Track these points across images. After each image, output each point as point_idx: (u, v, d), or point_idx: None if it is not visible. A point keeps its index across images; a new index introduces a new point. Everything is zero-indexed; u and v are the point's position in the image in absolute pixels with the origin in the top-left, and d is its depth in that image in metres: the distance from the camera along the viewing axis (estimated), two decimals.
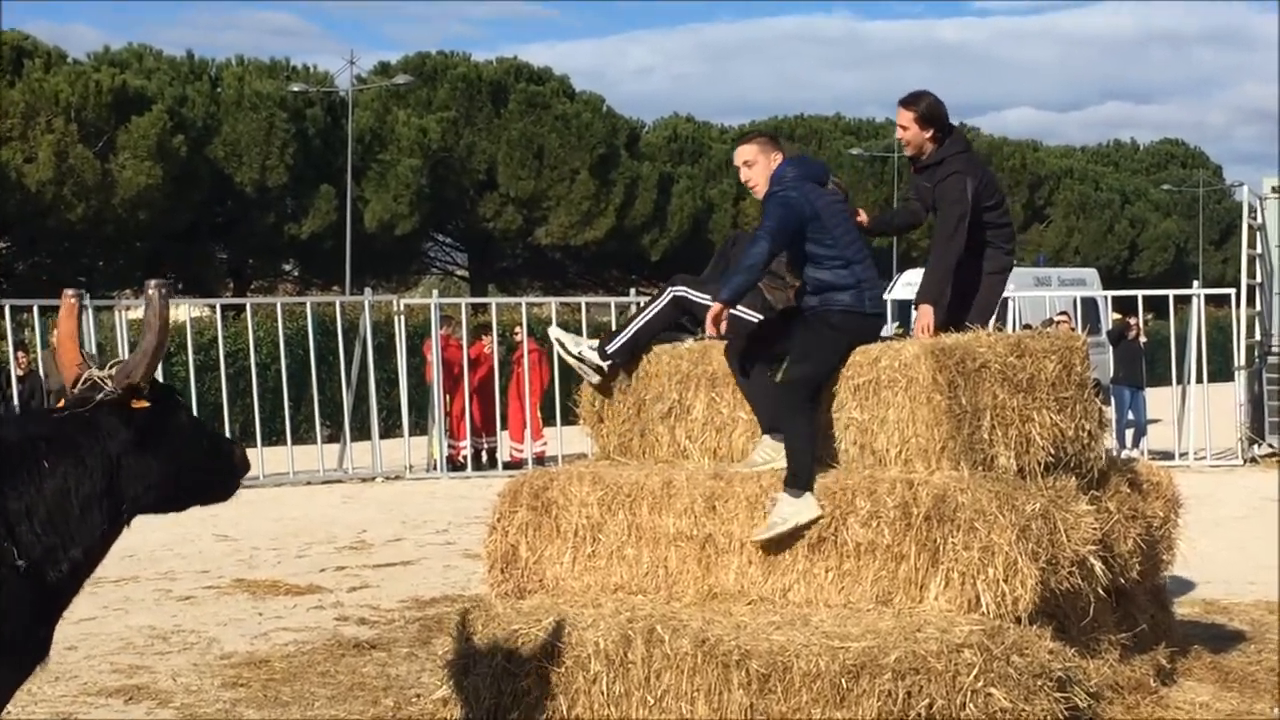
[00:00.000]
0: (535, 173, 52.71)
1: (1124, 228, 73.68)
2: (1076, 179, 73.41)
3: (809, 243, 8.10)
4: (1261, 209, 25.66)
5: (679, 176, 56.64)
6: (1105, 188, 75.34)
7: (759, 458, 8.19)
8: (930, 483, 7.80)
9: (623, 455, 8.74)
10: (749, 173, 8.37)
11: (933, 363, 8.05)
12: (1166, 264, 74.35)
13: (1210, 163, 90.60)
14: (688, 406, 8.55)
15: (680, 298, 8.68)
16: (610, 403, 8.74)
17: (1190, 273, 65.02)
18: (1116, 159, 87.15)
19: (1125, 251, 73.49)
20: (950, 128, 9.10)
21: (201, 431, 5.83)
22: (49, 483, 5.31)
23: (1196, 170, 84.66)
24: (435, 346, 23.38)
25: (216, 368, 22.78)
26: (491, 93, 53.39)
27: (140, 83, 44.52)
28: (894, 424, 8.14)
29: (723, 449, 8.52)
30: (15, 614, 5.24)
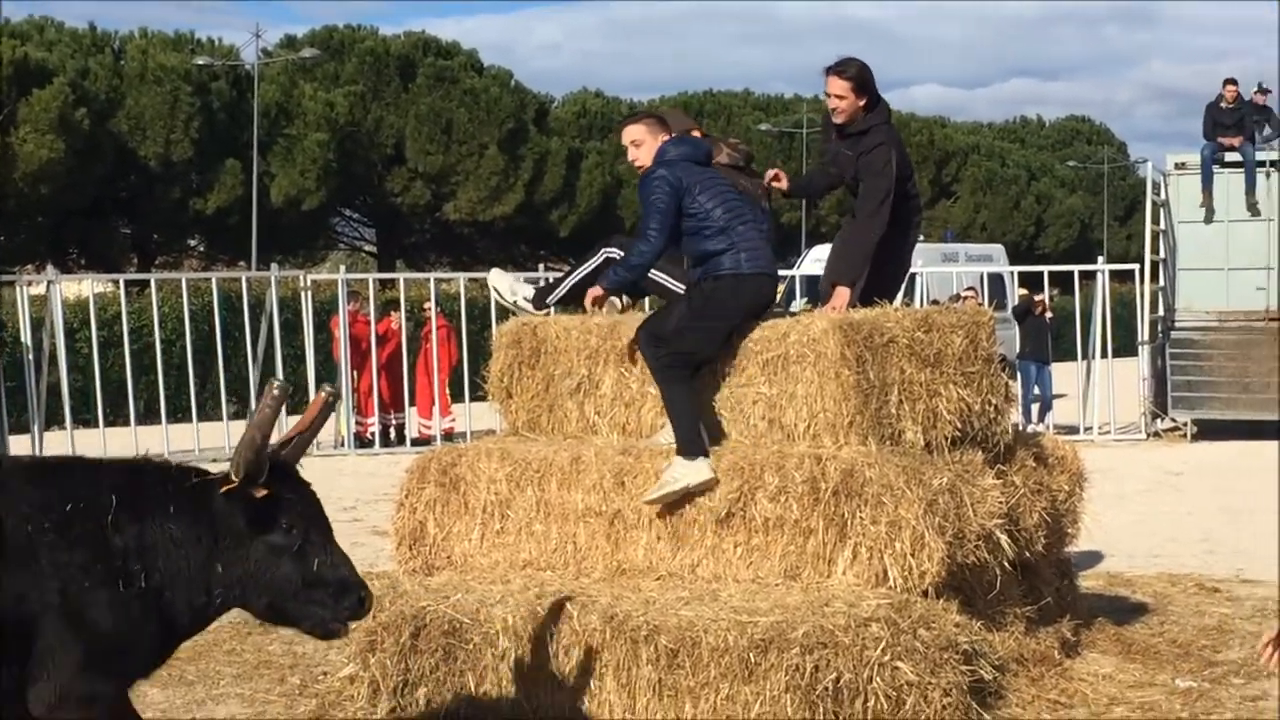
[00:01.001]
0: (443, 147, 52.47)
1: (1030, 204, 74.19)
2: (983, 155, 73.84)
3: (685, 218, 8.13)
4: (1165, 186, 25.94)
5: (588, 152, 56.54)
6: (1011, 164, 75.83)
7: (667, 436, 8.19)
8: (838, 458, 7.82)
9: (531, 431, 8.72)
10: (636, 152, 8.39)
11: (841, 338, 8.07)
12: (1072, 240, 74.90)
13: (1115, 139, 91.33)
14: (597, 382, 8.54)
15: (613, 258, 8.67)
16: (519, 378, 8.72)
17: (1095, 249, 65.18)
18: (1023, 136, 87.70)
19: (1031, 228, 73.99)
20: (878, 96, 9.12)
21: (315, 551, 5.61)
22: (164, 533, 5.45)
23: (1101, 147, 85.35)
24: (343, 323, 23.24)
25: (120, 344, 22.54)
26: (399, 67, 53.08)
27: (41, 55, 43.93)
28: (802, 399, 8.16)
29: (632, 425, 8.52)
30: (141, 637, 5.41)
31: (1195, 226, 25.66)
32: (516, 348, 8.69)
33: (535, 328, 8.67)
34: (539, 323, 8.70)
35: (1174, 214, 25.83)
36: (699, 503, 7.90)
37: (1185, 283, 25.74)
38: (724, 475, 7.89)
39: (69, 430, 21.05)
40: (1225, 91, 25.90)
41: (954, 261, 31.33)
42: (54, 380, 21.87)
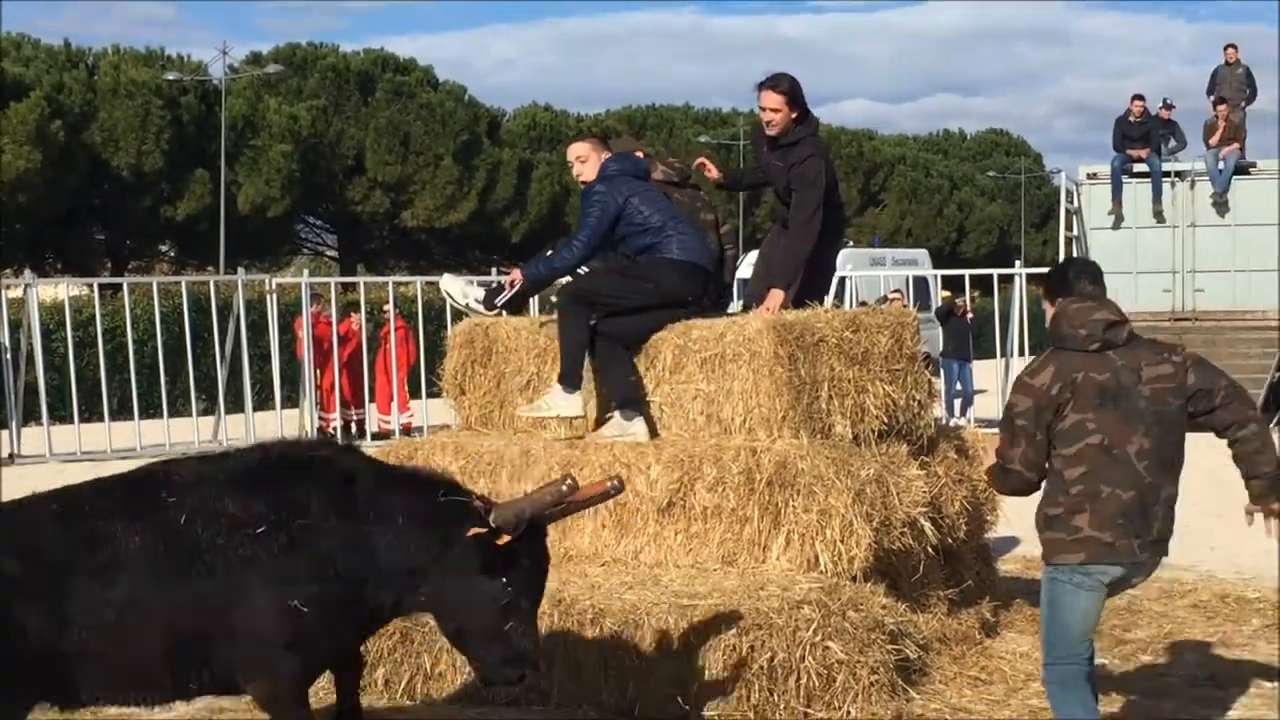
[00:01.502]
0: (401, 158, 52.29)
1: (952, 211, 74.50)
2: (909, 166, 74.09)
3: (625, 224, 8.28)
4: (1078, 194, 26.11)
5: (538, 163, 56.43)
6: (935, 174, 76.11)
7: (609, 431, 8.19)
8: (772, 450, 7.84)
9: (484, 426, 8.70)
10: (581, 168, 8.52)
11: (774, 337, 8.10)
12: (991, 245, 75.22)
13: (1032, 151, 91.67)
14: (545, 379, 8.53)
15: None
16: (471, 376, 8.69)
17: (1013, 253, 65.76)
18: (945, 147, 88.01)
19: (954, 233, 74.30)
20: (808, 110, 9.13)
21: (515, 615, 5.67)
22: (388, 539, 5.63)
23: (1019, 158, 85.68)
24: (306, 324, 23.10)
25: (95, 344, 22.38)
26: (359, 82, 52.86)
27: (19, 70, 43.55)
28: (739, 395, 8.18)
29: (578, 420, 8.49)
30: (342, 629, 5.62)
31: (1105, 233, 25.81)
32: (469, 347, 8.67)
33: (487, 328, 8.65)
34: (490, 323, 8.68)
35: (1086, 221, 25.97)
36: (641, 493, 7.91)
37: None
38: (665, 467, 7.90)
39: (45, 426, 20.86)
40: (1133, 106, 26.08)
41: (881, 265, 31.40)
42: (31, 379, 21.69)
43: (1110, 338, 6.09)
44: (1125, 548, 5.93)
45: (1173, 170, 25.69)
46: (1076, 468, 5.93)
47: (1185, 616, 9.86)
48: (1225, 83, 26.59)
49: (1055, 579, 6.01)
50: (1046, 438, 5.97)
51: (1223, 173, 25.18)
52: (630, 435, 8.13)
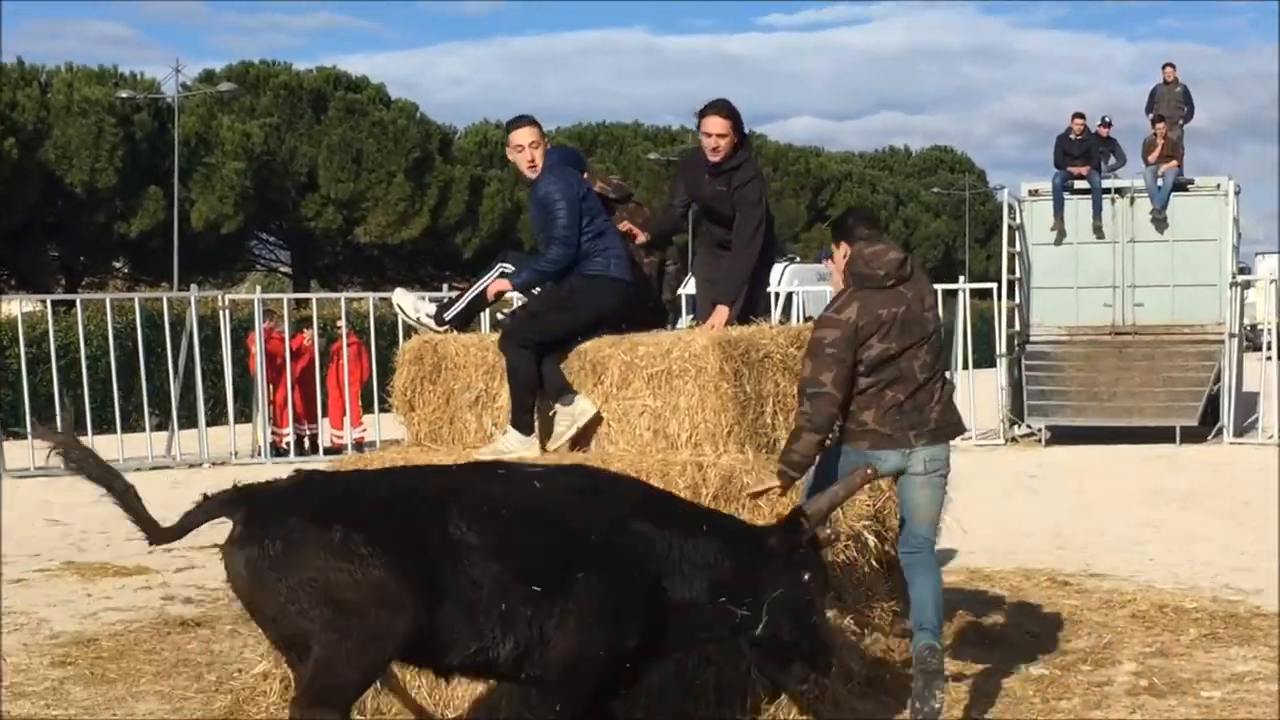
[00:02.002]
0: (354, 175, 52.18)
1: (898, 227, 74.83)
2: (855, 182, 74.40)
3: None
4: (1020, 210, 26.23)
5: (489, 179, 56.41)
6: (881, 190, 76.48)
7: (561, 426, 8.21)
8: (718, 465, 7.84)
9: (433, 442, 8.66)
10: (533, 153, 8.34)
11: (720, 353, 8.10)
12: (937, 261, 75.54)
13: (975, 168, 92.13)
14: (494, 395, 8.49)
15: (507, 273, 8.73)
16: (421, 392, 8.67)
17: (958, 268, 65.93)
18: (891, 164, 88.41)
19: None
20: (745, 133, 9.16)
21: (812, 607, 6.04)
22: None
23: (963, 175, 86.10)
24: (259, 339, 23.04)
25: (48, 360, 22.24)
26: (312, 100, 52.73)
27: None
28: (685, 410, 8.17)
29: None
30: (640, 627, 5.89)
31: (1048, 248, 25.96)
32: (419, 364, 8.63)
33: (436, 345, 8.62)
34: (439, 340, 8.66)
35: (1029, 237, 26.12)
36: None
37: (1039, 300, 26.03)
38: None
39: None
40: (1073, 124, 26.26)
41: (827, 281, 31.39)
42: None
43: (901, 274, 7.21)
44: (901, 438, 7.12)
45: (1113, 187, 25.86)
46: (871, 379, 7.09)
47: (1125, 626, 9.93)
48: (1163, 101, 26.82)
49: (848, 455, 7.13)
50: (853, 364, 7.05)
51: (1161, 189, 25.37)
52: (582, 415, 8.13)
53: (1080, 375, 25.17)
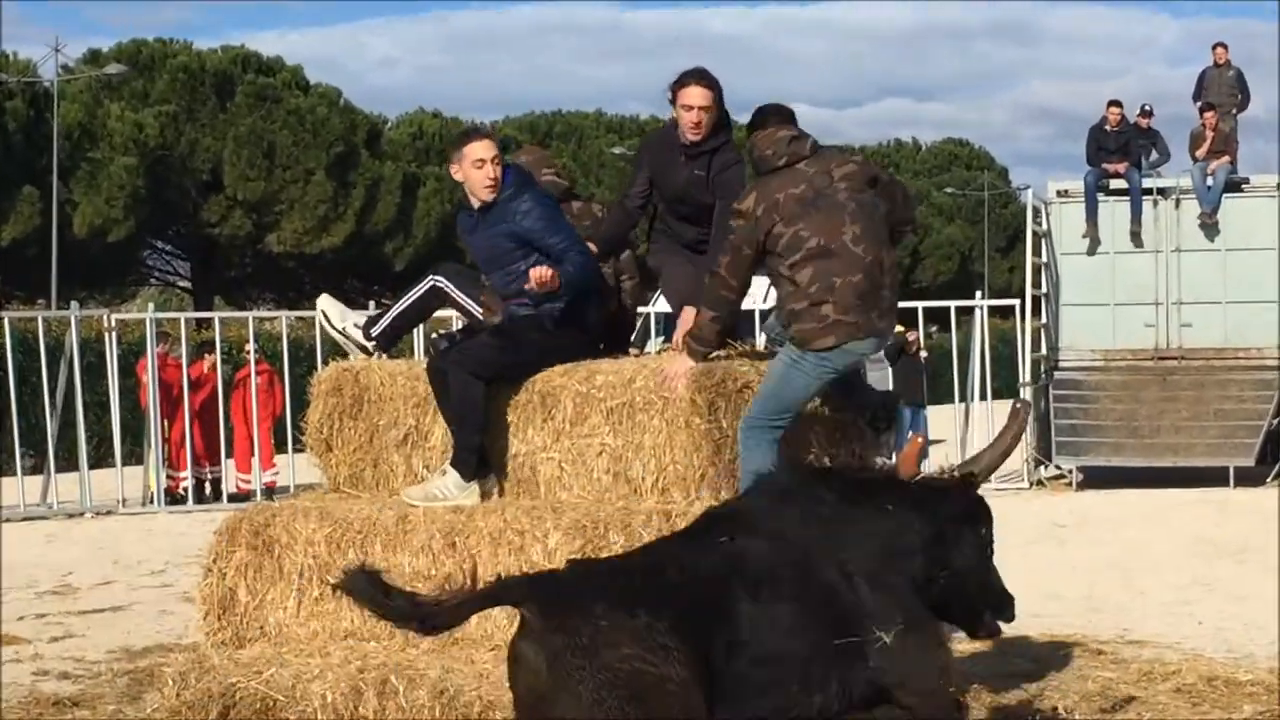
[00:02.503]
0: (265, 173, 52.15)
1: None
2: None
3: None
4: (1046, 214, 26.29)
5: (425, 178, 56.44)
6: None
7: (440, 489, 8.24)
8: (689, 514, 7.81)
9: (354, 487, 8.67)
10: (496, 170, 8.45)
11: (691, 383, 8.10)
12: (951, 273, 75.89)
13: (996, 164, 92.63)
14: (425, 432, 8.52)
15: (439, 289, 8.74)
16: (339, 429, 8.66)
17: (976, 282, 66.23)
18: (897, 160, 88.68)
19: (906, 259, 74.74)
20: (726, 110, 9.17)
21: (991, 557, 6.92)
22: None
23: (981, 172, 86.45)
24: (151, 366, 22.95)
25: None
26: (216, 85, 52.72)
27: None
28: (650, 450, 8.20)
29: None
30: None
31: (1079, 259, 26.06)
32: (337, 395, 8.63)
33: (357, 373, 8.62)
34: (361, 368, 8.66)
35: (1056, 245, 26.21)
36: (536, 565, 7.84)
37: (1069, 319, 26.13)
38: (565, 534, 7.88)
39: None
40: (1109, 114, 26.36)
41: None
42: None
43: (795, 150, 7.85)
44: (866, 323, 7.70)
45: (1155, 187, 25.97)
46: (805, 270, 7.68)
47: (1167, 703, 9.92)
48: (1214, 86, 26.96)
49: (799, 362, 7.77)
50: (755, 254, 7.81)
51: (1211, 189, 25.49)
52: (452, 502, 8.22)
53: (1118, 408, 25.26)
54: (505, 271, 8.44)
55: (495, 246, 8.46)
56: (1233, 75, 27.22)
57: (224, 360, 24.03)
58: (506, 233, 8.39)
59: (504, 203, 8.40)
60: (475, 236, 8.57)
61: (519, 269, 8.36)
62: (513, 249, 8.39)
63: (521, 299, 8.40)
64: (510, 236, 8.38)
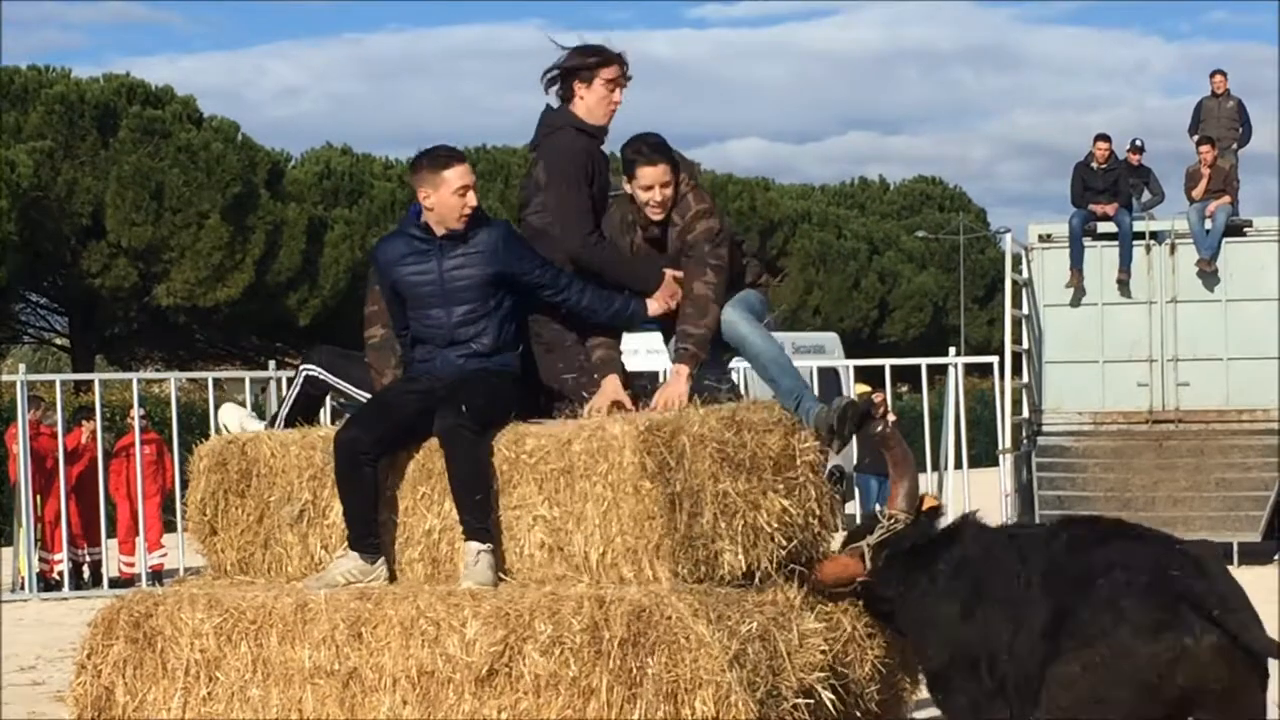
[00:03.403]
0: (153, 217, 51.94)
1: (872, 282, 75.33)
2: (815, 224, 74.90)
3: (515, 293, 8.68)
4: (1027, 261, 26.34)
5: (334, 221, 56.35)
6: (850, 235, 77.02)
7: (340, 570, 8.29)
8: (625, 599, 7.82)
9: (245, 573, 8.63)
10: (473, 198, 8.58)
11: (639, 443, 8.07)
12: (923, 326, 76.13)
13: (972, 205, 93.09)
14: (323, 509, 8.49)
15: (313, 379, 8.84)
16: (226, 508, 8.62)
17: (951, 336, 66.65)
18: (862, 200, 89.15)
19: (874, 311, 75.11)
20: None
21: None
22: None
23: (956, 214, 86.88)
24: (22, 435, 22.82)
25: None
26: (97, 118, 52.56)
27: None
28: (593, 520, 8.16)
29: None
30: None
31: (1064, 310, 26.13)
32: (221, 470, 8.60)
33: (245, 445, 8.60)
34: (248, 439, 8.63)
35: (1039, 295, 26.25)
36: (454, 658, 7.85)
37: (1053, 378, 26.18)
38: (485, 623, 7.85)
39: None
40: (1096, 149, 26.44)
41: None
42: None
43: None
44: None
45: (1147, 230, 26.08)
46: None
47: None
48: (1212, 118, 27.19)
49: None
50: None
51: (1210, 233, 25.61)
52: (356, 583, 8.31)
53: (1108, 477, 25.31)
54: (468, 309, 8.54)
55: (460, 280, 8.54)
56: (1232, 106, 27.44)
57: (105, 428, 23.90)
58: (483, 267, 8.52)
59: (477, 235, 8.52)
60: (426, 266, 8.60)
61: (487, 306, 8.51)
62: (484, 284, 8.52)
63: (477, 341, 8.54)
64: (488, 271, 8.52)
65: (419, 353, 8.65)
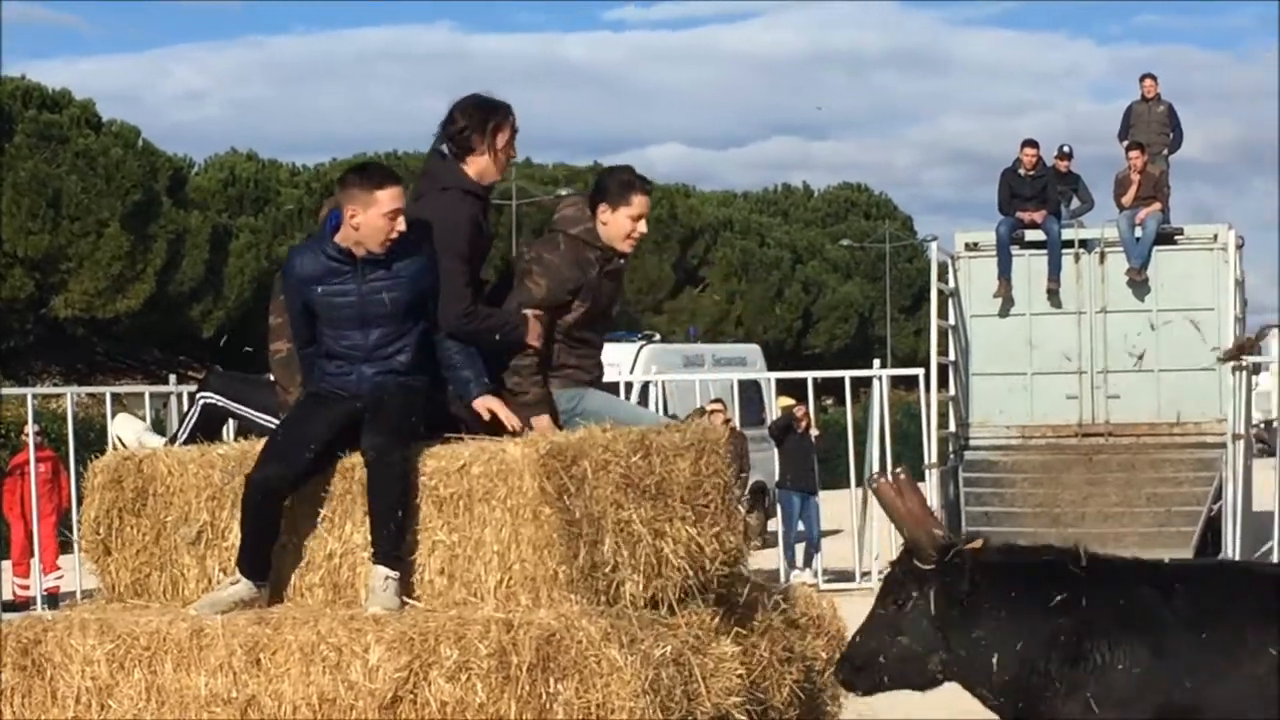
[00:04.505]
0: (50, 225, 51.71)
1: (795, 292, 75.53)
2: (737, 232, 75.08)
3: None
4: (954, 270, 26.39)
5: (239, 230, 56.24)
6: (773, 243, 77.21)
7: (227, 594, 8.31)
8: (534, 623, 7.79)
9: (139, 596, 8.56)
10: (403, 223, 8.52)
11: (539, 467, 8.06)
12: (848, 337, 76.42)
13: (899, 213, 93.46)
14: (222, 530, 8.43)
15: (211, 406, 8.85)
16: (120, 528, 8.55)
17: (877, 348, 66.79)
18: (786, 208, 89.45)
19: (798, 322, 75.31)
20: None
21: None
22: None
23: (882, 222, 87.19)
24: None
25: None
26: None
27: None
28: (492, 547, 8.15)
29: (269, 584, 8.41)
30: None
31: (991, 321, 26.21)
32: (116, 489, 8.53)
33: (141, 463, 8.53)
34: (145, 456, 8.57)
35: (965, 306, 26.31)
36: (356, 685, 7.79)
37: (980, 391, 26.26)
38: (389, 649, 7.80)
39: None
40: (1023, 155, 26.52)
41: (698, 366, 31.64)
42: None
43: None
44: None
45: (1076, 238, 26.19)
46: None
47: None
48: (1141, 123, 27.34)
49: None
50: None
51: (1140, 241, 25.74)
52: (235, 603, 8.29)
53: (1037, 492, 25.39)
54: (385, 331, 8.50)
55: (382, 303, 8.50)
56: (1163, 111, 27.60)
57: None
58: (403, 291, 8.48)
59: (399, 258, 8.48)
60: (345, 288, 8.53)
61: (405, 328, 8.48)
62: (404, 308, 8.49)
63: (395, 360, 8.51)
64: (408, 295, 8.49)
65: (333, 366, 8.57)
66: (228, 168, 60.55)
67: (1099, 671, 7.84)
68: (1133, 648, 7.86)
